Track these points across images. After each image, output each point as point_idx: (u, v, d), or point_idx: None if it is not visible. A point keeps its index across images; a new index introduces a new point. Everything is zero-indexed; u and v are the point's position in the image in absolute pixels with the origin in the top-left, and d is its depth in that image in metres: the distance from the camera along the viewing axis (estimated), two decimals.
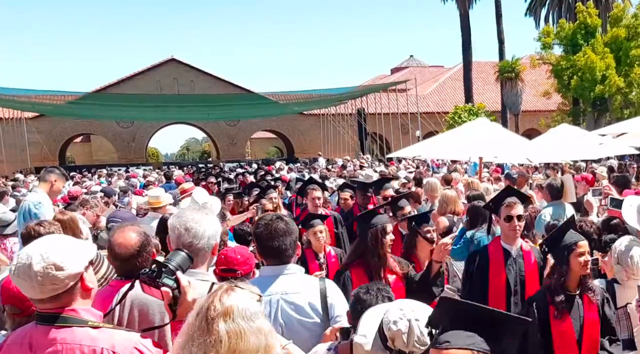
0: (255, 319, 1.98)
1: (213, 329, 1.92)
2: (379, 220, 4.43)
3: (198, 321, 1.96)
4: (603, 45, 30.40)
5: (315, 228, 5.73)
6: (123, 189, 13.87)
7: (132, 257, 3.10)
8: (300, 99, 39.79)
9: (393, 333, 2.21)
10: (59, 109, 37.14)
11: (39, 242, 2.37)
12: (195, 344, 1.93)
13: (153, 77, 43.10)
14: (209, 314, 1.95)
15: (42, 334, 2.31)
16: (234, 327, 1.93)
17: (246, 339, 1.93)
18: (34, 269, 2.23)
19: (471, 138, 11.30)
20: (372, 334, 2.31)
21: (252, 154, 55.04)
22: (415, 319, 2.21)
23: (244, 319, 1.95)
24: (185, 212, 2.95)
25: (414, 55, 66.45)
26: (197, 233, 2.82)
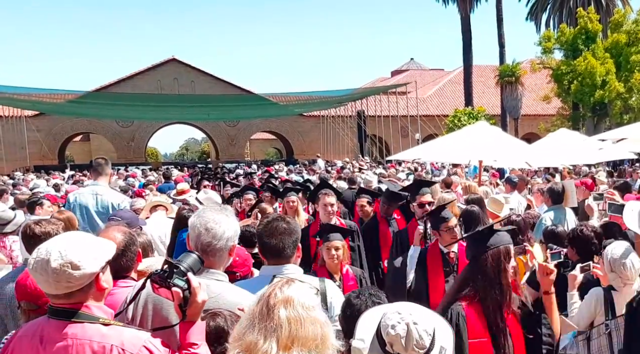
0: (312, 309, 2.04)
1: (274, 315, 1.98)
2: (499, 239, 3.22)
3: (259, 308, 2.02)
4: (603, 51, 30.46)
5: (331, 243, 4.78)
6: (123, 188, 13.84)
7: (117, 257, 2.98)
8: (301, 101, 39.83)
9: (391, 337, 2.19)
10: (59, 107, 37.15)
11: (59, 239, 2.40)
12: (257, 329, 1.98)
13: (154, 77, 43.14)
14: (270, 301, 2.01)
15: (54, 328, 2.34)
16: (294, 314, 1.99)
17: (305, 326, 1.98)
18: (51, 265, 2.26)
19: (471, 141, 11.22)
20: (370, 339, 2.27)
21: (251, 155, 55.00)
22: (413, 322, 2.19)
23: (303, 308, 2.01)
24: (206, 212, 2.95)
25: (414, 58, 66.77)
26: (217, 234, 2.84)
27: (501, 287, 3.14)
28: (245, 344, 1.99)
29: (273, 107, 40.20)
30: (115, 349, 2.31)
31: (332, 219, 6.27)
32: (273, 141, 58.06)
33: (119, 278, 3.00)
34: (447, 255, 4.97)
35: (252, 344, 1.98)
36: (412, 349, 2.17)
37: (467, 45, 40.20)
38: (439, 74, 56.96)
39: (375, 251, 6.85)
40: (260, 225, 3.43)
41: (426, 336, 2.17)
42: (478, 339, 3.07)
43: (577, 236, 4.82)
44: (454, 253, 4.97)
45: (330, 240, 4.81)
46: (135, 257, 3.18)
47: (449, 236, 4.92)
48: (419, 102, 38.56)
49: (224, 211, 2.97)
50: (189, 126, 50.64)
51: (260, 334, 1.98)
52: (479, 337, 3.08)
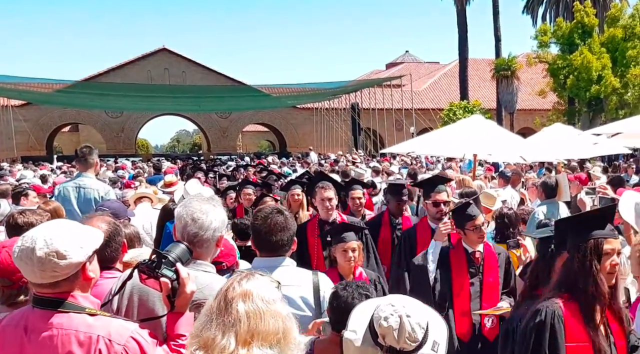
0: (273, 303, 1.98)
1: (232, 309, 1.93)
2: (597, 231, 2.86)
3: (217, 302, 1.97)
4: (600, 45, 30.40)
5: (348, 244, 4.34)
6: (112, 180, 13.76)
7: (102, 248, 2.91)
8: (294, 93, 39.66)
9: (384, 329, 2.18)
10: (47, 97, 36.90)
11: (45, 227, 2.37)
12: (214, 325, 1.93)
13: (144, 67, 42.95)
14: (228, 295, 1.96)
15: (39, 318, 2.30)
16: (254, 308, 1.93)
17: (265, 320, 1.93)
18: (36, 254, 2.23)
19: (465, 135, 11.08)
20: (363, 330, 2.26)
21: (243, 147, 54.81)
22: (406, 315, 2.18)
23: (263, 302, 1.96)
24: (192, 202, 2.89)
25: (409, 51, 66.54)
26: (204, 224, 2.79)
27: (600, 283, 2.81)
28: (202, 341, 1.94)
29: (266, 98, 40.01)
30: (102, 339, 2.28)
31: (331, 216, 5.65)
32: (266, 133, 57.92)
33: (104, 268, 2.94)
34: (472, 255, 4.63)
35: (209, 340, 1.92)
36: (405, 342, 2.17)
37: (463, 39, 39.94)
38: (434, 67, 56.81)
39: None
40: (257, 219, 3.36)
41: (419, 329, 2.16)
42: (577, 344, 2.79)
43: None
44: (480, 253, 4.64)
45: (346, 241, 4.34)
46: (121, 248, 3.15)
47: (475, 235, 4.58)
48: (414, 96, 38.31)
49: (211, 201, 2.92)
50: (180, 118, 50.50)
51: (218, 330, 1.92)
52: (578, 341, 2.79)
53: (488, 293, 4.58)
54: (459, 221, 4.67)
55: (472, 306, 4.53)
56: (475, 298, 4.56)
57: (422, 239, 5.26)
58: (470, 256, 4.64)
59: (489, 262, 4.64)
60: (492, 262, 4.64)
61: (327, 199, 5.63)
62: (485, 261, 4.62)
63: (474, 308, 4.53)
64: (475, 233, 4.58)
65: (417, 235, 5.43)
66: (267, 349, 1.92)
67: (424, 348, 2.21)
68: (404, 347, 2.18)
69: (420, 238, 5.30)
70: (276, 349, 1.94)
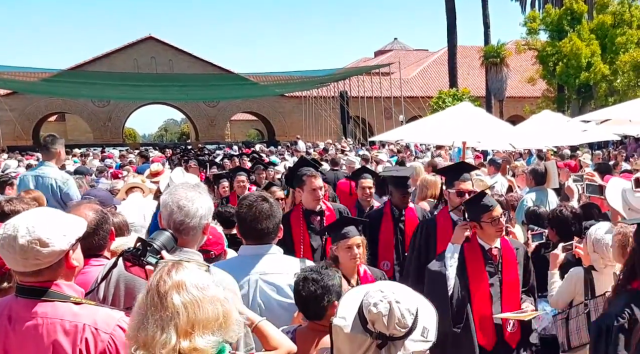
0: (208, 288, 1.94)
1: (167, 303, 1.87)
2: None
3: (149, 299, 1.91)
4: (589, 32, 30.40)
5: (351, 240, 3.91)
6: (99, 169, 13.71)
7: (88, 235, 2.93)
8: (282, 81, 39.40)
9: (373, 315, 2.18)
10: (33, 86, 36.57)
11: (27, 215, 2.34)
12: (151, 322, 1.87)
13: (130, 56, 42.71)
14: (160, 289, 1.90)
15: (23, 307, 2.28)
16: (190, 297, 1.89)
17: (204, 308, 1.89)
18: (18, 242, 2.20)
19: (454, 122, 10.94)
20: (352, 317, 2.26)
21: (232, 136, 54.52)
22: (396, 301, 2.18)
23: (198, 289, 1.91)
24: (178, 189, 2.86)
25: (398, 39, 66.27)
26: (190, 212, 2.75)
27: None
28: (142, 340, 1.87)
29: (253, 87, 39.79)
30: (88, 328, 2.26)
31: (317, 206, 5.26)
32: (254, 122, 57.74)
33: (91, 256, 2.97)
34: (489, 252, 4.18)
35: (148, 338, 1.86)
36: (394, 328, 2.17)
37: (452, 26, 39.64)
38: (423, 55, 56.68)
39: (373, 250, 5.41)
40: (242, 208, 3.32)
41: (408, 315, 2.17)
42: None
43: (557, 216, 4.89)
44: (497, 249, 4.20)
45: (349, 236, 3.91)
46: (108, 236, 3.13)
47: (493, 228, 4.13)
48: (403, 83, 38.18)
49: (197, 189, 2.88)
50: (168, 107, 50.31)
51: (156, 327, 1.86)
52: None
53: (509, 294, 4.16)
54: (473, 213, 4.20)
55: (493, 310, 4.13)
56: (495, 301, 4.14)
57: (442, 232, 4.66)
58: (487, 253, 4.19)
59: (508, 259, 4.22)
60: (511, 258, 4.23)
61: (318, 188, 5.23)
62: (504, 258, 4.19)
63: (495, 311, 4.13)
64: (493, 226, 4.12)
65: (437, 227, 4.82)
66: (210, 336, 1.88)
67: (414, 333, 2.21)
68: (394, 333, 2.18)
69: (441, 231, 4.68)
70: (218, 334, 1.90)
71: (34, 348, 2.27)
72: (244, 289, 3.14)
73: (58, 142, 6.63)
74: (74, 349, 2.26)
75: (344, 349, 2.29)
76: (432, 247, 4.67)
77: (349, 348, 2.26)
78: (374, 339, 2.20)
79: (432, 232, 4.82)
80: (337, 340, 2.31)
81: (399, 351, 2.22)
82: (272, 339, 2.64)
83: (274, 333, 2.67)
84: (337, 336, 2.30)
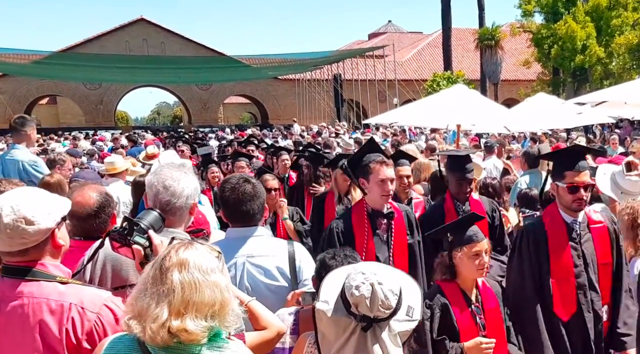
0: (212, 273, 1.92)
1: (167, 279, 1.88)
2: None
3: (152, 271, 1.93)
4: (584, 14, 30.24)
5: (478, 245, 3.30)
6: (89, 152, 13.58)
7: (90, 217, 3.03)
8: (275, 63, 39.12)
9: (356, 298, 2.16)
10: (23, 68, 36.28)
11: (11, 194, 2.33)
12: (148, 294, 1.88)
13: (122, 38, 42.41)
14: (164, 263, 1.91)
15: (8, 287, 2.27)
16: (189, 278, 1.88)
17: (201, 291, 1.88)
18: (3, 221, 2.20)
19: (449, 105, 10.87)
20: (334, 300, 2.25)
21: (225, 120, 54.32)
22: (378, 282, 2.16)
23: (200, 272, 1.90)
24: (163, 169, 2.84)
25: (392, 21, 66.00)
26: (176, 192, 2.74)
27: None
28: (137, 309, 1.89)
29: (246, 70, 39.56)
30: (75, 307, 2.25)
31: (386, 204, 4.07)
32: (247, 105, 57.53)
33: (92, 239, 2.93)
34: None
35: (143, 309, 1.87)
36: (378, 310, 2.15)
37: (446, 8, 39.38)
38: (417, 37, 56.44)
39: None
40: (225, 191, 3.24)
41: (392, 295, 2.15)
42: None
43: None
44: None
45: (477, 240, 3.29)
46: (110, 219, 3.11)
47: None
48: (397, 66, 37.93)
49: (182, 169, 2.86)
50: (161, 90, 49.88)
51: (152, 299, 1.87)
52: None
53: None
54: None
55: None
56: None
57: (554, 239, 3.73)
58: None
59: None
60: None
61: (390, 179, 3.95)
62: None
63: None
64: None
65: (547, 232, 3.77)
66: (202, 321, 1.85)
67: (399, 313, 2.20)
68: (378, 315, 2.16)
69: (552, 237, 3.74)
70: (211, 321, 1.88)
71: (20, 328, 2.26)
72: (231, 272, 3.08)
73: (28, 124, 6.45)
74: (60, 329, 2.25)
75: (328, 334, 2.26)
76: (544, 259, 3.72)
77: (334, 331, 2.23)
78: (358, 322, 2.18)
79: (540, 241, 3.75)
80: (321, 324, 2.28)
81: (384, 331, 2.20)
82: (261, 319, 2.63)
83: (263, 312, 2.66)
84: (321, 320, 2.27)
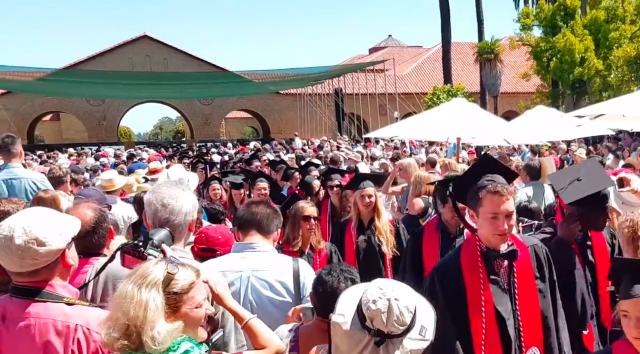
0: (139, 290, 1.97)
1: None
2: None
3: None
4: (582, 27, 30.39)
5: None
6: (93, 168, 13.61)
7: (88, 234, 3.02)
8: (276, 78, 39.29)
9: (372, 312, 2.16)
10: (27, 85, 36.32)
11: (23, 215, 2.34)
12: None
13: (125, 54, 42.51)
14: None
15: (16, 307, 2.28)
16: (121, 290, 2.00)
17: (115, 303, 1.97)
18: (15, 242, 2.20)
19: (449, 118, 10.98)
20: (351, 314, 2.24)
21: (227, 134, 54.35)
22: (395, 298, 2.16)
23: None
24: (161, 187, 2.86)
25: (392, 35, 66.32)
26: (174, 209, 2.75)
27: None
28: None
29: (248, 85, 39.68)
30: (80, 328, 2.26)
31: (503, 242, 3.12)
32: (249, 120, 57.62)
33: (91, 255, 2.98)
34: None
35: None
36: (393, 325, 2.15)
37: (446, 22, 39.69)
38: (417, 51, 56.65)
39: None
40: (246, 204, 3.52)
41: (407, 312, 2.15)
42: None
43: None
44: None
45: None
46: (107, 235, 3.14)
47: None
48: (397, 80, 38.10)
49: (180, 186, 2.88)
50: (163, 105, 50.08)
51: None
52: None
53: None
54: None
55: None
56: None
57: None
58: None
59: None
60: None
61: (509, 213, 2.98)
62: None
63: None
64: None
65: None
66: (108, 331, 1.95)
67: (412, 332, 2.20)
68: (392, 330, 2.16)
69: None
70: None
71: (27, 348, 2.27)
72: (235, 286, 3.14)
73: (18, 141, 6.26)
74: (66, 350, 2.27)
75: (342, 346, 2.26)
76: None
77: (347, 344, 2.23)
78: (372, 337, 2.18)
79: None
80: (336, 337, 2.29)
81: (397, 349, 2.19)
82: (261, 337, 2.63)
83: (263, 331, 2.65)
84: (336, 332, 2.28)
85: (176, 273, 2.05)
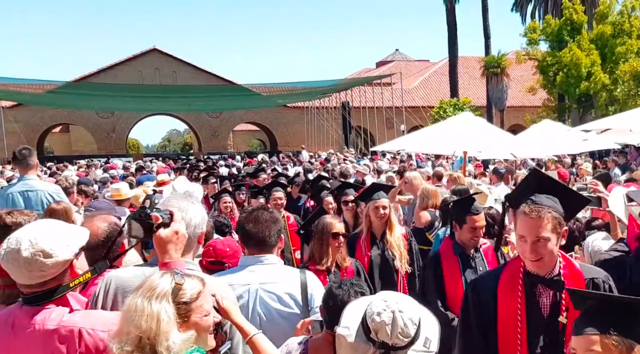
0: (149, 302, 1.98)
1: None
2: None
3: None
4: (589, 42, 30.46)
5: None
6: (102, 180, 13.67)
7: (99, 247, 2.95)
8: (284, 91, 39.45)
9: (376, 324, 2.18)
10: (38, 98, 36.54)
11: (29, 227, 2.36)
12: None
13: (134, 67, 42.78)
14: None
15: (24, 315, 2.31)
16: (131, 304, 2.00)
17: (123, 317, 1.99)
18: (22, 255, 2.21)
19: (456, 132, 11.07)
20: (356, 326, 2.26)
21: (234, 147, 54.56)
22: (399, 310, 2.18)
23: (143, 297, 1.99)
24: (171, 200, 2.84)
25: (399, 49, 66.55)
26: (184, 221, 2.71)
27: None
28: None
29: (256, 98, 39.83)
30: (85, 331, 2.28)
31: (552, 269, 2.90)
32: (256, 132, 57.81)
33: None
34: None
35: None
36: (397, 337, 2.17)
37: (453, 36, 39.91)
38: (424, 65, 56.80)
39: None
40: (243, 214, 3.42)
41: (411, 324, 2.16)
42: None
43: None
44: None
45: None
46: (119, 249, 3.06)
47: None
48: (404, 94, 38.25)
49: (189, 198, 2.88)
50: (171, 117, 50.34)
51: None
52: None
53: None
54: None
55: None
56: None
57: None
58: None
59: None
60: None
61: (539, 238, 2.67)
62: None
63: None
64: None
65: None
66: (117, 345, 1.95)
67: (416, 344, 2.20)
68: (397, 343, 2.18)
69: None
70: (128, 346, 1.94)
71: None
72: (244, 299, 3.16)
73: (33, 154, 6.29)
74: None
75: None
76: None
77: None
78: (377, 349, 2.19)
79: None
80: (341, 349, 2.30)
81: None
82: (264, 353, 2.64)
83: (267, 346, 2.67)
84: (340, 345, 2.30)
85: (183, 283, 2.07)
